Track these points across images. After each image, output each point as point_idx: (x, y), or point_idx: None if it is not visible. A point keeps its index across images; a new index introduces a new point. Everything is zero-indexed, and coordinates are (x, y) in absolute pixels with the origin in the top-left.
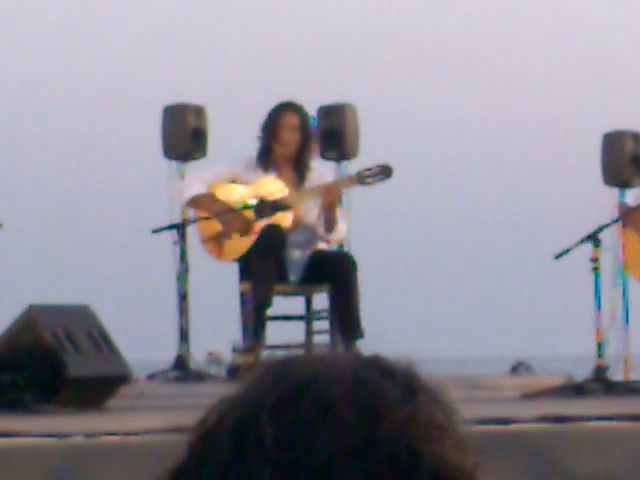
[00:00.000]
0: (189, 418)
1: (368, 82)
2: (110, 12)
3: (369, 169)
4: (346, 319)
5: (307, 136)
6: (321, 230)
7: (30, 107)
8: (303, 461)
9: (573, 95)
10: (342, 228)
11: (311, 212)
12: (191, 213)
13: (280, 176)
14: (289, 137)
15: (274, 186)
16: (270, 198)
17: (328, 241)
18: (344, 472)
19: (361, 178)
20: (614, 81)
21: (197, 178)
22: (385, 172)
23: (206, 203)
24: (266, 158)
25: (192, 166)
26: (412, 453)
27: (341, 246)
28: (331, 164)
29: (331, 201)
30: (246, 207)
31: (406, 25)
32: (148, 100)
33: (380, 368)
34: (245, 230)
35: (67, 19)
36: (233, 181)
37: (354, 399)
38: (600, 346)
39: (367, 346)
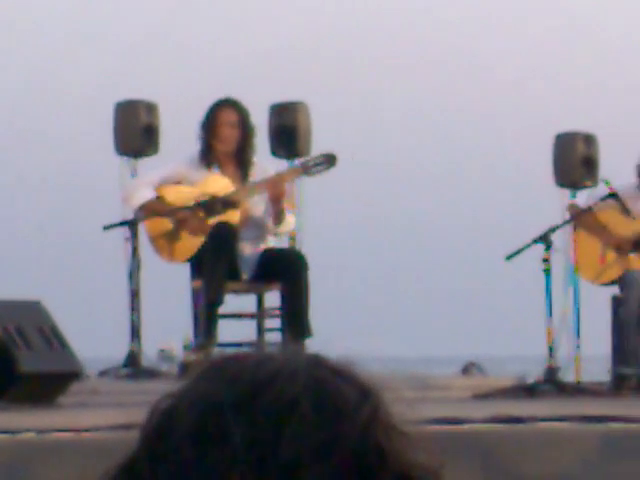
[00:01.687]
0: (141, 415)
1: (320, 80)
2: (63, 6)
3: (313, 159)
4: (295, 318)
5: (247, 132)
6: (270, 224)
7: None
8: (270, 459)
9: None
10: (290, 219)
11: (258, 206)
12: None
13: (223, 173)
14: (228, 134)
15: (220, 183)
16: (218, 195)
17: (277, 234)
18: (310, 470)
19: (306, 168)
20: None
21: (144, 182)
22: (329, 161)
23: (155, 208)
24: (207, 156)
25: (144, 163)
26: (377, 452)
27: (292, 241)
28: (283, 161)
29: (278, 194)
30: (196, 206)
31: (357, 23)
32: (100, 96)
33: (331, 368)
34: (200, 229)
35: (18, 12)
36: (179, 182)
37: (315, 399)
38: (551, 347)
39: (315, 345)
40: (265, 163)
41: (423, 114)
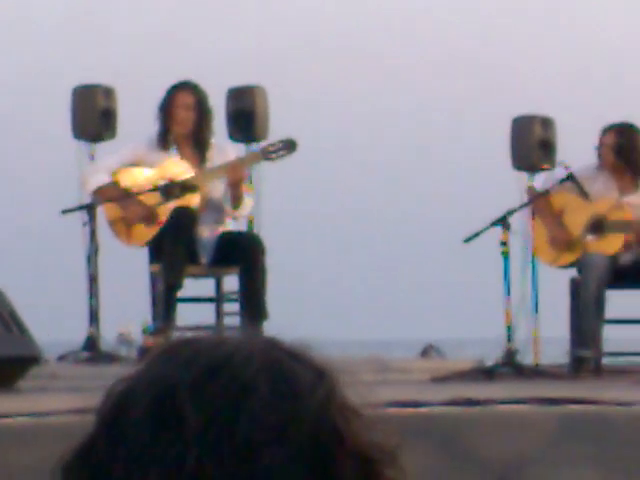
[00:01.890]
0: (100, 399)
1: (278, 64)
2: None
3: (272, 144)
4: (252, 301)
5: (203, 114)
6: (228, 207)
7: None
8: (226, 441)
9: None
10: (249, 202)
11: (217, 190)
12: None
13: (181, 155)
14: (184, 116)
15: (179, 167)
16: (177, 179)
17: (236, 217)
18: (268, 451)
19: (265, 154)
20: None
21: (100, 167)
22: (289, 147)
23: (110, 192)
24: (165, 138)
25: (102, 147)
26: (334, 433)
27: (250, 224)
28: (241, 146)
29: (237, 178)
30: (154, 190)
31: (314, 7)
32: (57, 80)
33: (286, 350)
34: (147, 218)
35: None
36: (137, 165)
37: (271, 380)
38: (510, 330)
39: (272, 328)
40: (225, 145)
41: (381, 100)
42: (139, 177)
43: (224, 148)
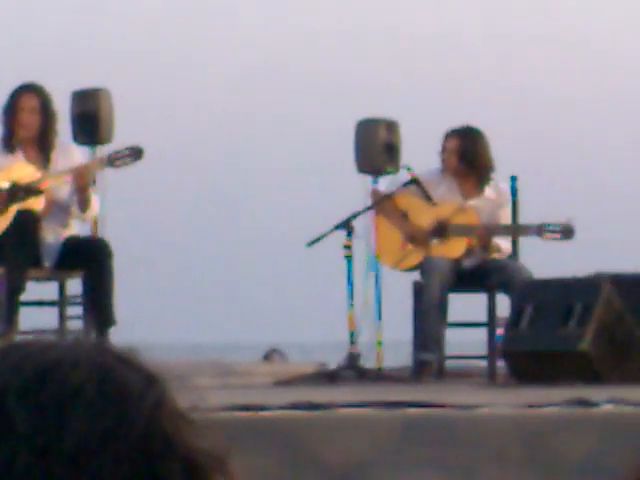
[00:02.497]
0: None
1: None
2: None
3: (119, 151)
4: (99, 306)
5: (48, 117)
6: (75, 210)
7: None
8: (55, 446)
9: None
10: (95, 205)
11: (63, 193)
12: None
13: (26, 158)
14: (29, 119)
15: (25, 170)
16: (22, 182)
17: (83, 219)
18: (96, 457)
19: (111, 160)
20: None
21: None
22: (135, 154)
23: None
24: (10, 141)
25: None
26: (163, 439)
27: (96, 228)
28: (85, 149)
29: (83, 183)
30: None
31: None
32: None
33: (117, 355)
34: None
35: None
36: None
37: (98, 385)
38: (352, 333)
39: (119, 334)
40: (70, 146)
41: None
42: None
43: (69, 149)
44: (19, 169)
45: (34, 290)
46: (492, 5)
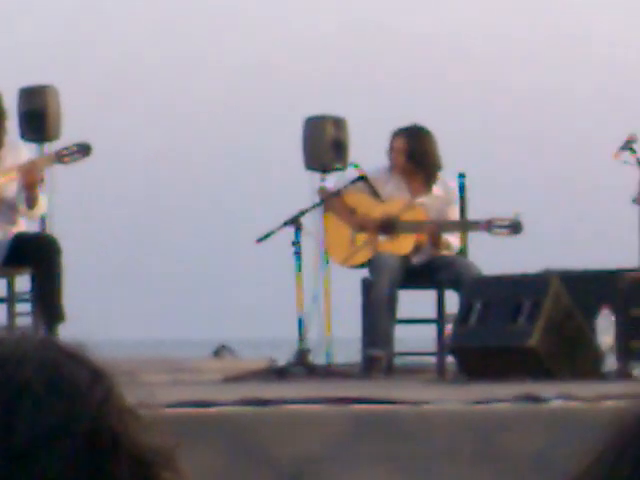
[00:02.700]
0: None
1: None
2: None
3: (67, 148)
4: (47, 303)
5: None
6: (23, 207)
7: None
8: (3, 442)
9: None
10: (43, 202)
11: (10, 190)
12: None
13: None
14: None
15: None
16: None
17: (31, 217)
18: (44, 453)
19: (59, 157)
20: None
21: None
22: (84, 151)
23: None
24: None
25: None
26: (110, 435)
27: (44, 224)
28: (33, 146)
29: (32, 180)
30: None
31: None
32: None
33: (65, 351)
34: None
35: None
36: None
37: (46, 381)
38: (302, 330)
39: (69, 330)
40: (18, 143)
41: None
42: None
43: (17, 147)
44: None
45: None
46: None
